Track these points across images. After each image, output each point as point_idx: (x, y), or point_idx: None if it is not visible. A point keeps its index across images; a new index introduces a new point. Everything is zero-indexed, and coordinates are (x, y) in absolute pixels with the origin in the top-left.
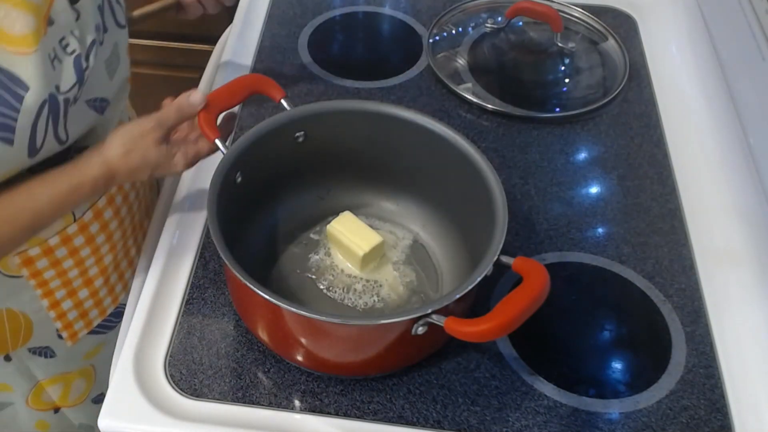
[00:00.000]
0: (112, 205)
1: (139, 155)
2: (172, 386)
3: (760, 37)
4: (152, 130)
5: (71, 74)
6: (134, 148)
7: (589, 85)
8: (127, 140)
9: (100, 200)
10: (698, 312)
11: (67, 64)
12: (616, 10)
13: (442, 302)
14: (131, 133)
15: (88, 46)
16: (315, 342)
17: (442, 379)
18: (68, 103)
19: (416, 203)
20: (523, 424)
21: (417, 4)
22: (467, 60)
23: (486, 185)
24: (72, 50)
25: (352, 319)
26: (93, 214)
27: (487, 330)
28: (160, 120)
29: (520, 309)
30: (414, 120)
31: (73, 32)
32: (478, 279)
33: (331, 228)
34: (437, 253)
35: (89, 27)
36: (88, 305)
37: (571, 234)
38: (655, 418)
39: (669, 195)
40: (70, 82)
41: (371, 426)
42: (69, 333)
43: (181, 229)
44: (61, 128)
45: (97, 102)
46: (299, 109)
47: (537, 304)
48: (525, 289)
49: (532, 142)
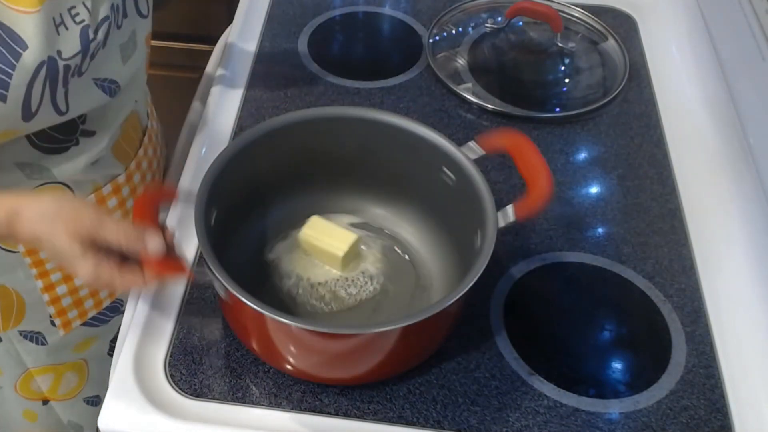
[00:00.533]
0: (117, 194)
1: (48, 228)
2: (172, 386)
3: (760, 37)
4: (80, 221)
5: (76, 42)
6: (52, 219)
7: (589, 85)
8: (53, 207)
9: (105, 186)
10: (698, 312)
11: (73, 31)
12: (616, 10)
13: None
14: (61, 205)
15: (100, 20)
16: (309, 353)
17: (442, 379)
18: (69, 70)
19: (406, 208)
20: (523, 424)
21: (417, 4)
22: (467, 60)
23: (474, 187)
24: (81, 20)
25: (342, 328)
26: (96, 198)
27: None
28: (98, 224)
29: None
30: (399, 124)
31: (85, 3)
32: (475, 278)
33: (303, 235)
34: (427, 258)
35: (104, 3)
36: (84, 293)
37: (571, 234)
38: (655, 418)
39: (669, 195)
40: (74, 49)
41: (371, 426)
42: (63, 321)
43: (181, 229)
44: (61, 97)
45: (106, 83)
46: (290, 116)
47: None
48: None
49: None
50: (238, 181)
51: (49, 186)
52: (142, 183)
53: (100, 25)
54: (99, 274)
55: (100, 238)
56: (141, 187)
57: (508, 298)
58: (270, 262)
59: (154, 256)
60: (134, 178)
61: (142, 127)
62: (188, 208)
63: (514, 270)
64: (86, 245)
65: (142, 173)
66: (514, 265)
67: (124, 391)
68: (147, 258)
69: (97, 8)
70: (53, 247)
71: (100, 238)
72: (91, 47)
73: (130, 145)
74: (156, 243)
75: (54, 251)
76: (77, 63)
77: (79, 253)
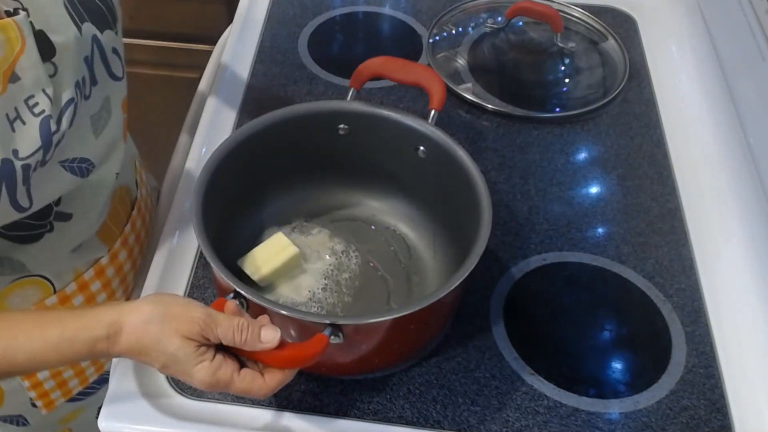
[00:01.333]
0: (101, 277)
1: (157, 331)
2: (172, 386)
3: (760, 37)
4: (191, 321)
5: (35, 137)
6: (161, 322)
7: (589, 85)
8: (158, 310)
9: (87, 272)
10: (698, 312)
11: (32, 126)
12: (616, 10)
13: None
14: (166, 306)
15: (63, 105)
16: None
17: (442, 379)
18: (29, 169)
19: (401, 200)
20: (523, 424)
21: (417, 4)
22: (467, 60)
23: (471, 182)
24: (40, 111)
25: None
26: (77, 286)
27: None
28: (210, 322)
29: None
30: (392, 117)
31: (45, 90)
32: (466, 274)
33: (256, 276)
34: (423, 251)
35: (67, 84)
36: (68, 375)
37: (571, 234)
38: (655, 418)
39: (669, 195)
40: (33, 146)
41: (371, 426)
42: (44, 402)
43: (181, 229)
44: (22, 195)
45: (75, 163)
46: (287, 110)
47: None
48: None
49: (532, 142)
50: (233, 177)
51: (25, 280)
52: (129, 260)
53: (64, 110)
54: (219, 378)
55: (213, 336)
56: (128, 265)
57: (508, 298)
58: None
59: (271, 347)
60: (119, 257)
61: (131, 199)
62: (186, 206)
63: (514, 270)
64: (200, 346)
65: (129, 249)
66: (514, 265)
67: (124, 392)
68: (264, 355)
69: (60, 93)
70: (164, 353)
71: (213, 336)
72: (53, 139)
73: (116, 224)
74: (273, 335)
75: (165, 358)
76: (38, 159)
77: (195, 355)
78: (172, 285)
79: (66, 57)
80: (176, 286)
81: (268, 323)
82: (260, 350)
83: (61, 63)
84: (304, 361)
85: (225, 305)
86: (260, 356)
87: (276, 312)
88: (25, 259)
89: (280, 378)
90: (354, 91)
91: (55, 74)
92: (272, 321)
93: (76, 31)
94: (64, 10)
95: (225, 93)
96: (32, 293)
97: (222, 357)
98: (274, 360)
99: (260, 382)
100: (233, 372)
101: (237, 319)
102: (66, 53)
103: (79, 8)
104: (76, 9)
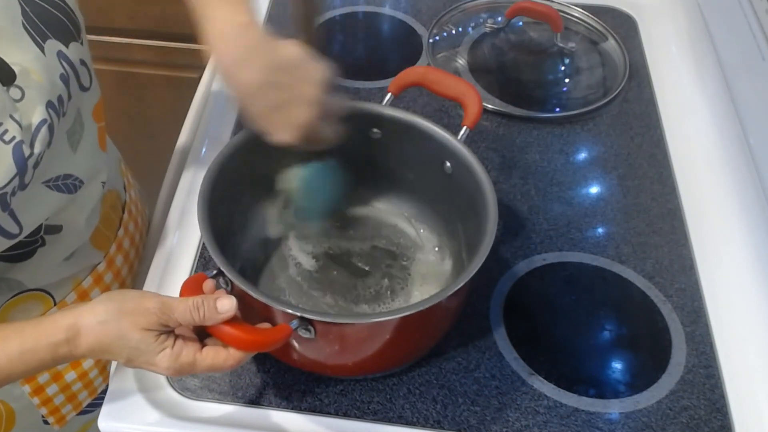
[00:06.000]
0: (99, 284)
1: (114, 329)
2: (172, 386)
3: (760, 37)
4: (146, 313)
5: (9, 165)
6: (117, 319)
7: (589, 85)
8: (112, 307)
9: (85, 280)
10: (698, 312)
11: (5, 154)
12: (616, 10)
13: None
14: (119, 302)
15: (35, 128)
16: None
17: (442, 379)
18: (6, 197)
19: (408, 201)
20: (523, 424)
21: (417, 4)
22: (467, 60)
23: (477, 182)
24: (11, 138)
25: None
26: (77, 295)
27: None
28: (166, 309)
29: None
30: (401, 118)
31: (13, 116)
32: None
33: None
34: (429, 251)
35: (36, 106)
36: (77, 387)
37: (571, 234)
38: (655, 418)
39: (669, 195)
40: (8, 175)
41: (371, 426)
42: (56, 417)
43: (181, 229)
44: (6, 222)
45: (60, 181)
46: None
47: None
48: None
49: (532, 142)
50: (240, 174)
51: (25, 295)
52: (126, 264)
53: (36, 134)
54: (182, 361)
55: (171, 322)
56: (125, 269)
57: (509, 298)
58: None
59: (230, 316)
60: (116, 262)
61: (121, 203)
62: (191, 204)
63: (514, 270)
64: (160, 335)
65: (125, 253)
66: (514, 264)
67: (124, 391)
68: (228, 336)
69: (29, 116)
70: (125, 347)
71: (171, 322)
72: (28, 164)
73: (110, 229)
74: (229, 304)
75: (128, 352)
76: (15, 185)
77: (156, 344)
78: (172, 286)
79: (30, 79)
80: (176, 286)
81: (224, 294)
82: (221, 321)
83: (27, 86)
84: (266, 346)
85: (204, 282)
86: (224, 337)
87: (255, 297)
88: (22, 276)
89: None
90: (391, 96)
91: (22, 98)
92: (251, 304)
93: (38, 51)
94: (22, 30)
95: (225, 93)
96: (33, 307)
97: (182, 341)
98: (237, 342)
99: (224, 354)
100: (195, 353)
101: (190, 299)
102: (29, 75)
103: (39, 26)
104: (36, 27)
